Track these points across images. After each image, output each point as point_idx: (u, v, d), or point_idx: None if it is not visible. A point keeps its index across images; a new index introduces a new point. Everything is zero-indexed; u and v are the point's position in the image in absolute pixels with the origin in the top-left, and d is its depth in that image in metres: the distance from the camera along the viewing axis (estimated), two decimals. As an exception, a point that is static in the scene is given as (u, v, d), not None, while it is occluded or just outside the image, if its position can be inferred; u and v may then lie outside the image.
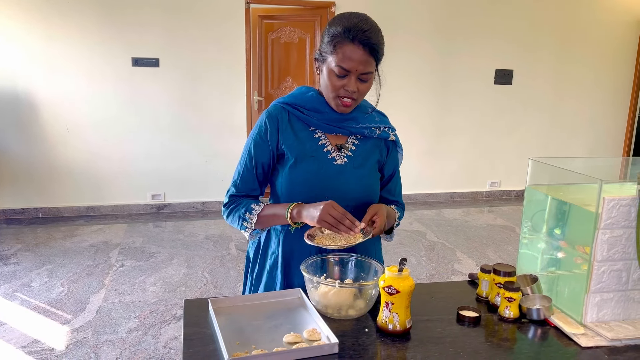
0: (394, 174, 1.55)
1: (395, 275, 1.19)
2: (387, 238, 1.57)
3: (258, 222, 1.41)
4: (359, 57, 1.31)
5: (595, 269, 1.24)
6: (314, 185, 1.40)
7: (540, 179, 1.51)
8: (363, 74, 1.34)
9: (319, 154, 1.42)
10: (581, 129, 6.23)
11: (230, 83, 5.10)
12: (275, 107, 1.46)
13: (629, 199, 1.22)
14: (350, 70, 1.32)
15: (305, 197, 1.40)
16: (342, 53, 1.31)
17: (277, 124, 1.43)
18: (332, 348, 1.12)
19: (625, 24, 6.02)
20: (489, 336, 1.23)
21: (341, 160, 1.43)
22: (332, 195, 1.39)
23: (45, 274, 3.62)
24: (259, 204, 1.43)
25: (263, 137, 1.43)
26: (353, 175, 1.43)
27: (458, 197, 6.01)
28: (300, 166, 1.41)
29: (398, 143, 1.54)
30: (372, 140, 1.48)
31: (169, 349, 2.71)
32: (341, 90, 1.36)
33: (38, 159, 4.82)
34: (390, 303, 1.19)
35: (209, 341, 1.15)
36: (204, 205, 5.28)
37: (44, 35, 4.61)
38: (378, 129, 1.48)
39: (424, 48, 5.51)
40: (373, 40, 1.31)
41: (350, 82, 1.34)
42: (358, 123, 1.44)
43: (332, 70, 1.34)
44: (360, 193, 1.44)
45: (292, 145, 1.42)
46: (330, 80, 1.36)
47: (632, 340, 1.20)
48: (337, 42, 1.32)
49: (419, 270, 3.85)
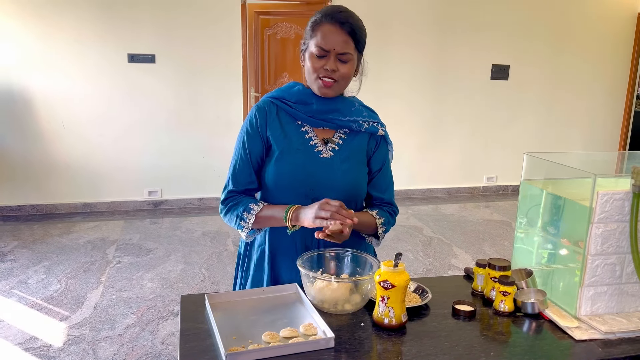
0: (381, 169, 1.53)
1: (391, 269, 1.19)
2: (374, 242, 1.56)
3: (255, 222, 1.41)
4: (337, 36, 1.36)
5: (589, 262, 1.25)
6: (300, 178, 1.41)
7: (535, 174, 1.52)
8: (341, 54, 1.37)
9: (305, 147, 1.43)
10: (577, 123, 6.25)
11: (226, 79, 5.09)
12: (265, 101, 1.49)
13: (622, 193, 1.23)
14: (329, 50, 1.36)
15: (292, 190, 1.41)
16: (320, 33, 1.37)
17: (266, 117, 1.46)
18: (328, 342, 1.12)
19: (622, 18, 6.03)
20: (484, 330, 1.24)
21: (327, 154, 1.44)
22: (318, 188, 1.40)
23: (42, 271, 3.61)
24: (257, 204, 1.42)
25: (254, 128, 1.45)
26: (339, 169, 1.43)
27: (455, 192, 6.02)
28: (286, 159, 1.42)
29: (388, 139, 1.54)
30: (360, 134, 1.49)
31: (166, 344, 2.71)
32: (321, 70, 1.38)
33: (34, 156, 4.80)
34: (386, 297, 1.19)
35: (206, 336, 1.16)
36: (201, 202, 5.28)
37: (39, 31, 4.59)
38: (366, 123, 1.48)
39: (421, 43, 5.50)
40: (351, 21, 1.36)
41: (329, 61, 1.37)
42: (345, 116, 1.45)
43: (313, 53, 1.38)
44: (346, 187, 1.44)
45: (278, 138, 1.44)
46: (311, 63, 1.39)
47: (625, 333, 1.21)
48: (316, 24, 1.38)
49: (416, 266, 3.86)
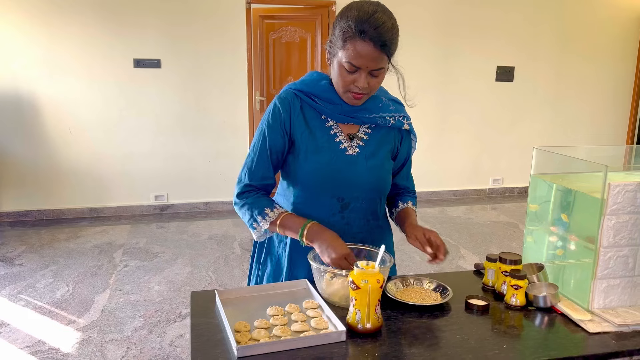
0: (405, 161, 1.56)
1: (362, 270, 1.13)
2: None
3: (269, 227, 1.39)
4: (370, 54, 1.26)
5: (602, 255, 1.24)
6: (326, 176, 1.39)
7: (545, 169, 1.51)
8: (374, 70, 1.30)
9: (331, 144, 1.40)
10: (583, 125, 6.23)
11: (231, 83, 5.11)
12: (288, 93, 1.42)
13: (634, 185, 1.22)
14: (361, 67, 1.28)
15: (316, 188, 1.40)
16: (352, 49, 1.26)
17: (290, 111, 1.40)
18: (339, 336, 1.12)
19: (626, 19, 6.02)
20: (495, 324, 1.23)
21: (353, 150, 1.41)
22: (343, 186, 1.40)
23: (50, 275, 3.62)
24: (273, 209, 1.39)
25: (277, 121, 1.40)
26: (364, 166, 1.41)
27: (461, 194, 6.01)
28: (312, 157, 1.39)
29: (412, 131, 1.52)
30: (385, 128, 1.46)
31: (174, 347, 2.71)
32: (351, 85, 1.32)
33: (41, 161, 4.83)
34: (353, 299, 1.15)
35: (216, 331, 1.16)
36: (207, 206, 5.28)
37: (46, 37, 4.62)
38: (392, 119, 1.45)
39: (425, 46, 5.52)
40: (384, 37, 1.25)
41: (360, 78, 1.30)
42: (372, 113, 1.42)
43: (343, 65, 1.30)
44: (372, 184, 1.43)
45: (303, 135, 1.40)
46: (340, 75, 1.32)
47: (639, 326, 1.20)
48: (347, 37, 1.27)
49: (423, 268, 3.84)
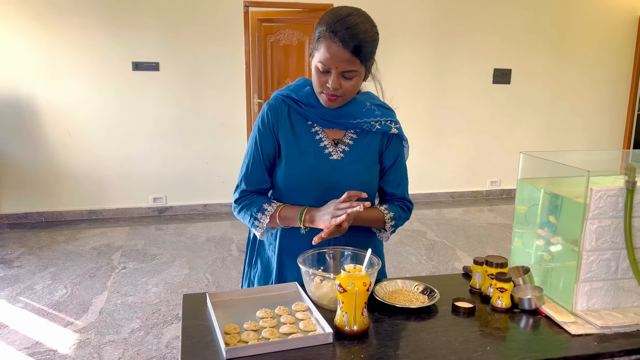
0: (393, 164, 1.51)
1: (349, 273, 1.15)
2: (384, 237, 1.56)
3: (270, 222, 1.42)
4: (339, 54, 1.28)
5: (584, 258, 1.26)
6: (310, 180, 1.41)
7: (533, 173, 1.53)
8: (345, 72, 1.32)
9: (316, 149, 1.43)
10: (580, 127, 6.25)
11: (230, 86, 5.14)
12: (276, 99, 1.46)
13: (616, 190, 1.25)
14: (331, 67, 1.31)
15: (302, 192, 1.42)
16: (323, 49, 1.30)
17: (277, 117, 1.44)
18: (326, 338, 1.14)
19: (623, 21, 6.04)
20: (481, 326, 1.25)
21: (337, 155, 1.43)
22: (329, 190, 1.41)
23: (49, 277, 3.65)
24: (271, 204, 1.43)
25: (266, 127, 1.44)
26: (349, 170, 1.43)
27: (458, 196, 6.03)
28: (297, 162, 1.42)
29: (402, 136, 1.51)
30: (371, 133, 1.46)
31: (170, 348, 2.73)
32: (324, 86, 1.35)
33: (40, 164, 4.86)
34: (340, 301, 1.17)
35: (207, 333, 1.18)
36: (205, 208, 5.31)
37: (45, 41, 4.66)
38: (378, 123, 1.44)
39: (423, 48, 5.55)
40: (356, 39, 1.27)
41: (332, 79, 1.32)
42: (355, 118, 1.43)
43: (317, 66, 1.33)
44: (357, 188, 1.42)
45: (288, 140, 1.43)
46: (315, 76, 1.36)
47: (621, 328, 1.22)
48: (320, 37, 1.31)
49: (419, 269, 3.87)
